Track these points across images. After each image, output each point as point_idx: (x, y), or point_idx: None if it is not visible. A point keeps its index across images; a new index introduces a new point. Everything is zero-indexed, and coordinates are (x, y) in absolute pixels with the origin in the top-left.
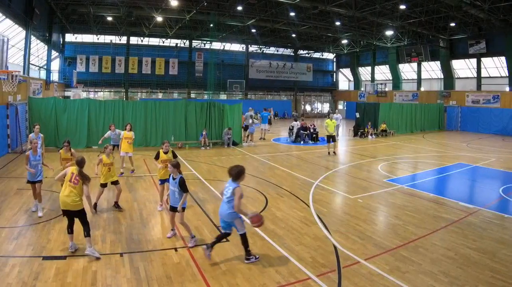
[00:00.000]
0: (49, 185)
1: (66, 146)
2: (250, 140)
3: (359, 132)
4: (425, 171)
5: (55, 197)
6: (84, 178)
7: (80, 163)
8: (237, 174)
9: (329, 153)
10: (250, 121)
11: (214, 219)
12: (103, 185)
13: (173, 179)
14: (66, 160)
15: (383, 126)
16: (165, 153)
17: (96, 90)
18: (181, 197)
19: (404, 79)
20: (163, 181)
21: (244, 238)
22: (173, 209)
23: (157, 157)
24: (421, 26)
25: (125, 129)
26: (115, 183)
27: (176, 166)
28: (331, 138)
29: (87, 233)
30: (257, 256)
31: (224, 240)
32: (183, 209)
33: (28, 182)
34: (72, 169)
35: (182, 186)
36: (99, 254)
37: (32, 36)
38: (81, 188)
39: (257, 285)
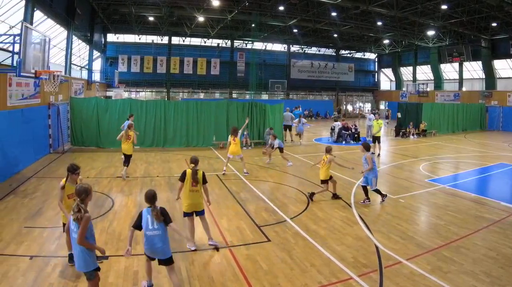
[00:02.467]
0: (91, 184)
1: (74, 174)
2: (300, 139)
3: (400, 133)
4: (466, 171)
5: (97, 197)
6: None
7: (131, 126)
8: (367, 146)
9: (373, 152)
10: (297, 120)
11: (256, 219)
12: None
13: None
14: (70, 196)
15: (422, 126)
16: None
17: (138, 90)
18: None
19: (446, 79)
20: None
21: (378, 191)
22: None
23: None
24: (462, 26)
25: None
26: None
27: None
28: (376, 139)
29: (128, 166)
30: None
31: (265, 239)
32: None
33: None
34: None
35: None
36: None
37: (73, 36)
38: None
39: (299, 285)
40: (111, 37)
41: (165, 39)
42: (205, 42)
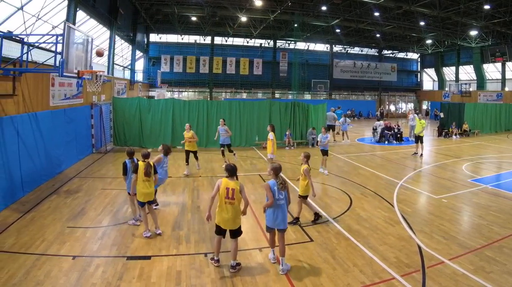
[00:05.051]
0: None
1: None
2: (347, 138)
3: (443, 133)
4: (509, 171)
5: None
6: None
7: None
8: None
9: (415, 153)
10: (342, 119)
11: (300, 219)
12: None
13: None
14: None
15: (465, 126)
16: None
17: (180, 90)
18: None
19: (488, 79)
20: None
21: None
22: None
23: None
24: (505, 26)
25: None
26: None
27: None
28: (419, 139)
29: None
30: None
31: (308, 239)
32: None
33: None
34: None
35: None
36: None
37: (116, 36)
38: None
39: (342, 285)
40: (153, 37)
41: (208, 39)
42: (247, 42)
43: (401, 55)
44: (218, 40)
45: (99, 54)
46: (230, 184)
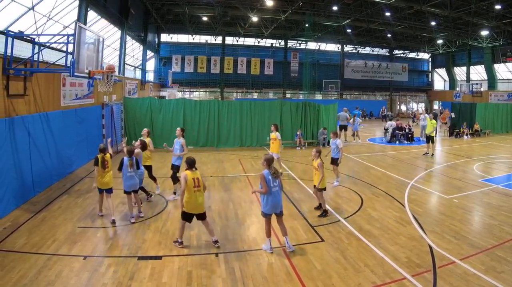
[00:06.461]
0: (145, 184)
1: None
2: (358, 138)
3: (454, 132)
4: None
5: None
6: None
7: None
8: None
9: (426, 153)
10: (352, 120)
11: (310, 219)
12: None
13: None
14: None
15: (476, 126)
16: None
17: (191, 90)
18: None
19: (500, 79)
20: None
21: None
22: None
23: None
24: None
25: None
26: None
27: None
28: (430, 139)
29: (154, 181)
30: None
31: (319, 239)
32: None
33: None
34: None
35: None
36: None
37: (127, 36)
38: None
39: (353, 285)
40: (164, 37)
41: (219, 39)
42: (258, 42)
43: (412, 55)
44: (229, 40)
45: (110, 69)
46: (194, 174)
